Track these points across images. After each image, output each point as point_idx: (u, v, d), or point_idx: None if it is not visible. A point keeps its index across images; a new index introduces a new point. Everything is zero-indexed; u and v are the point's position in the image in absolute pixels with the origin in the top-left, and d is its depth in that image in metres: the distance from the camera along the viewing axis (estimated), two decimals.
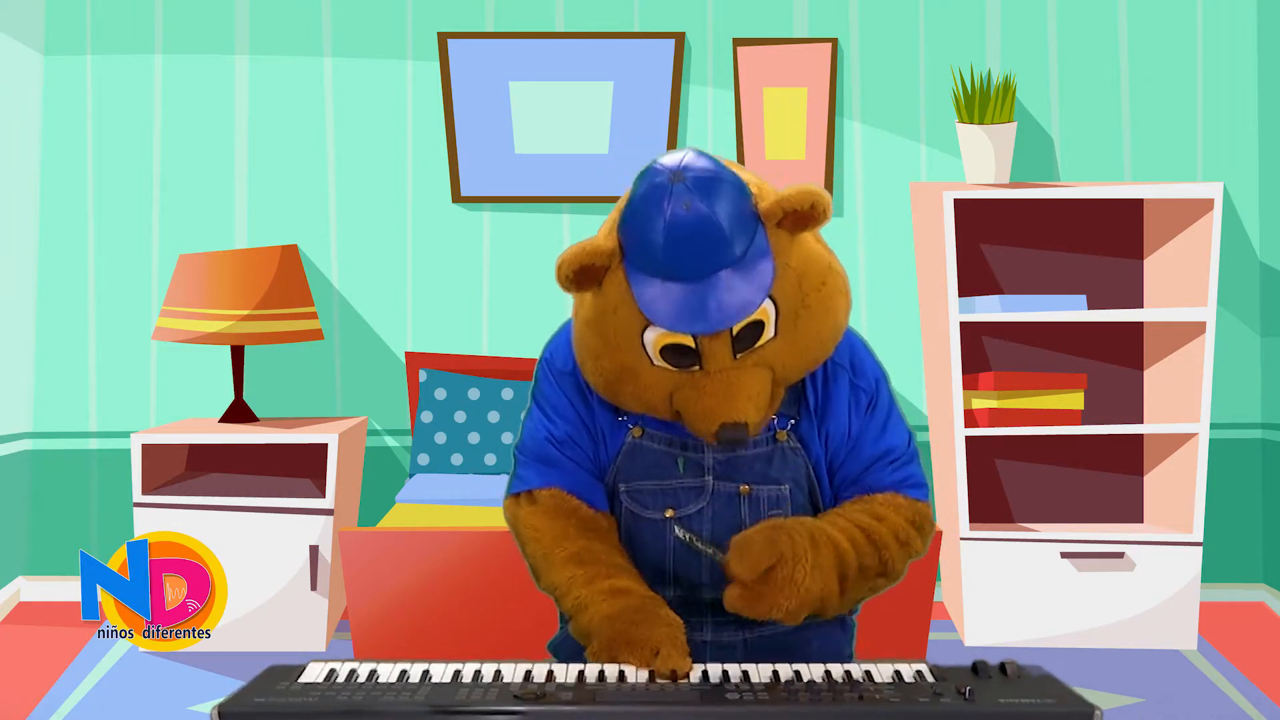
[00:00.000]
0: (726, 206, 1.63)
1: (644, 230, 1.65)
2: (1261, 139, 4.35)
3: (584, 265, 1.69)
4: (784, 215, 1.67)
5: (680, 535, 1.76)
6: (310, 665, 1.57)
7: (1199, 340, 3.97)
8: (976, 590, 3.97)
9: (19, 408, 4.43)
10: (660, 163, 1.68)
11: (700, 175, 1.64)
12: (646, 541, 1.80)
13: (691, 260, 1.62)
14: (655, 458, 1.81)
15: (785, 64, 4.34)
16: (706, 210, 1.62)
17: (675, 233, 1.62)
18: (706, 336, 1.65)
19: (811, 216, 1.67)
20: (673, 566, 1.79)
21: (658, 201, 1.63)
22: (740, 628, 1.81)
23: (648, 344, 1.68)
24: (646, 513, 1.80)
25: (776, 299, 1.68)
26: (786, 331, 1.69)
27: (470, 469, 4.22)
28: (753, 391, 1.67)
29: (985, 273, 4.31)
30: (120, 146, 4.42)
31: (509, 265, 4.43)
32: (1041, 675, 1.54)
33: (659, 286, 1.65)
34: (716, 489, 1.79)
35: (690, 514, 1.79)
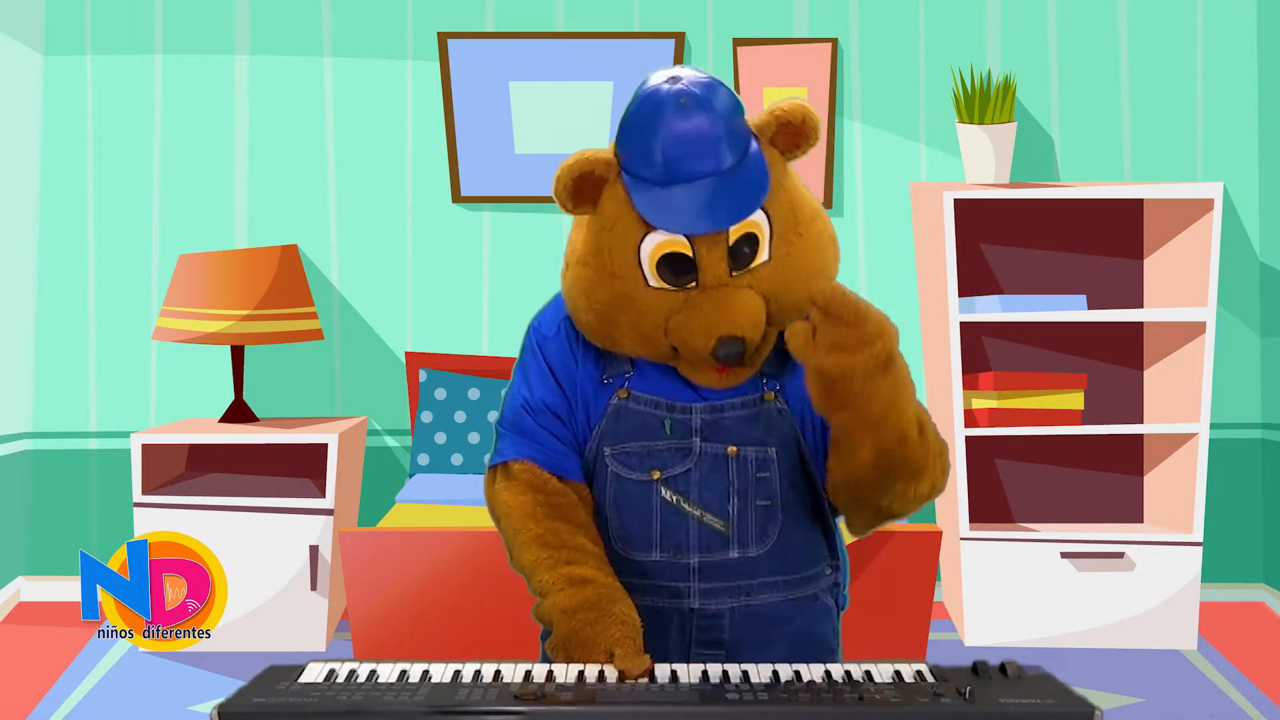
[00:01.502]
0: (724, 107, 1.67)
1: (643, 133, 1.66)
2: (1261, 139, 4.35)
3: (583, 173, 1.70)
4: (777, 127, 1.72)
5: (667, 497, 1.75)
6: (310, 665, 1.57)
7: (1199, 340, 3.97)
8: (976, 590, 3.97)
9: (19, 408, 4.43)
10: (655, 75, 1.71)
11: (696, 79, 1.68)
12: (633, 504, 1.78)
13: (692, 158, 1.64)
14: (641, 420, 1.79)
15: (785, 64, 4.34)
16: (705, 109, 1.65)
17: (675, 130, 1.64)
18: (704, 244, 1.66)
19: (802, 132, 1.72)
20: (659, 529, 1.77)
21: (656, 105, 1.66)
22: (728, 596, 1.78)
23: (644, 259, 1.68)
24: (632, 475, 1.78)
25: (771, 217, 1.70)
26: (779, 257, 1.70)
27: (470, 469, 4.22)
28: (749, 309, 1.67)
29: (985, 273, 4.31)
30: (120, 146, 4.42)
31: (509, 265, 4.43)
32: (1041, 675, 1.54)
33: (659, 191, 1.66)
34: (704, 450, 1.77)
35: (676, 475, 1.77)
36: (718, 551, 1.75)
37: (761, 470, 1.77)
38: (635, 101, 1.69)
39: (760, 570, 1.77)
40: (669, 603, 1.77)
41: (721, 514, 1.75)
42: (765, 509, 1.76)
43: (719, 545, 1.75)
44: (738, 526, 1.75)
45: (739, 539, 1.76)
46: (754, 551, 1.75)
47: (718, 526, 1.75)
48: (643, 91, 1.69)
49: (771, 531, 1.76)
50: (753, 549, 1.75)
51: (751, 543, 1.76)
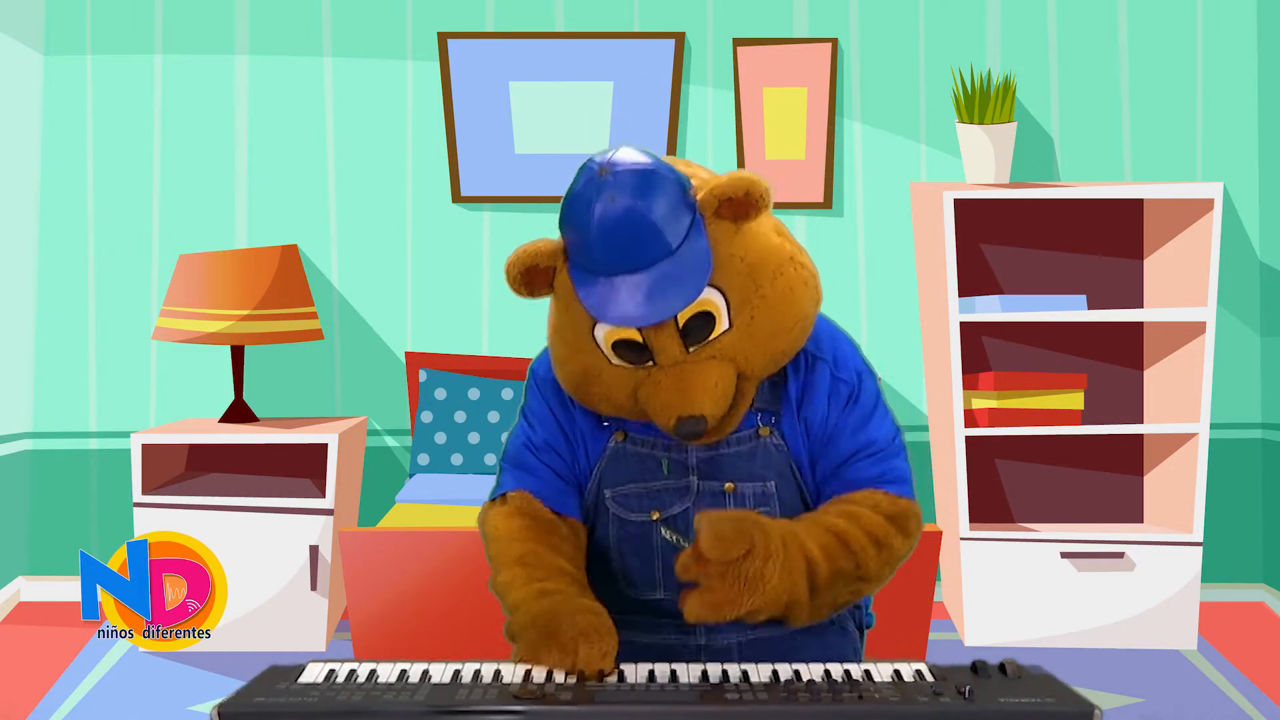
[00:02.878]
0: (656, 198, 1.64)
1: (577, 228, 1.67)
2: (1261, 139, 4.35)
3: (528, 266, 1.72)
4: (720, 204, 1.68)
5: (666, 536, 1.75)
6: (310, 665, 1.57)
7: (1199, 340, 3.97)
8: (976, 590, 3.97)
9: (19, 408, 4.43)
10: (593, 158, 1.69)
11: (628, 169, 1.65)
12: (634, 545, 1.79)
13: (622, 254, 1.63)
14: (639, 460, 1.80)
15: (785, 64, 4.34)
16: (633, 203, 1.62)
17: (604, 228, 1.63)
18: (652, 330, 1.66)
19: (747, 203, 1.67)
20: (661, 570, 1.78)
21: (588, 198, 1.65)
22: (735, 630, 1.79)
23: (600, 341, 1.69)
24: (632, 516, 1.79)
25: (725, 289, 1.67)
26: (742, 323, 1.68)
27: (470, 469, 4.21)
28: (709, 384, 1.66)
29: (985, 273, 4.31)
30: (120, 146, 4.42)
31: None
32: (1041, 675, 1.54)
33: (601, 283, 1.65)
34: (701, 488, 1.77)
35: (675, 514, 1.78)
36: None
37: (761, 505, 1.77)
38: (573, 188, 1.68)
39: None
40: (677, 639, 1.78)
41: None
42: None
43: None
44: None
45: None
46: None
47: None
48: (579, 179, 1.68)
49: None
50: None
51: None
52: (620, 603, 1.79)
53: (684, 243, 1.65)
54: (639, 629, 1.77)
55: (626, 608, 1.79)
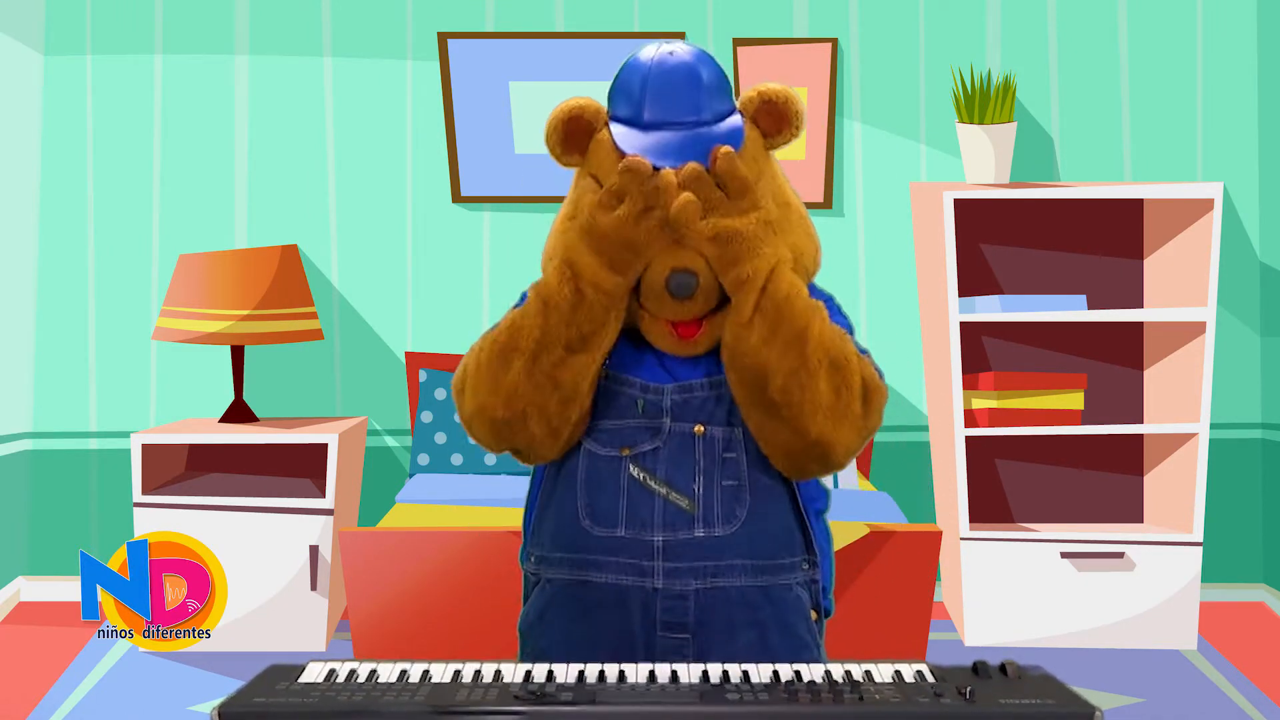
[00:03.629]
0: (708, 66, 1.78)
1: (630, 79, 1.78)
2: (1261, 139, 4.35)
3: (572, 116, 1.81)
4: (760, 103, 1.80)
5: (634, 474, 1.77)
6: (310, 665, 1.57)
7: (1199, 340, 3.97)
8: (976, 590, 3.97)
9: (19, 408, 4.43)
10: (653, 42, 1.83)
11: (686, 46, 1.80)
12: (602, 480, 1.80)
13: (672, 104, 1.75)
14: (618, 399, 1.82)
15: (785, 64, 4.34)
16: (689, 65, 1.77)
17: (658, 77, 1.76)
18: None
19: (784, 113, 1.80)
20: (625, 506, 1.78)
21: (645, 57, 1.79)
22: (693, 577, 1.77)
23: None
24: (602, 450, 1.80)
25: None
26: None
27: (470, 469, 4.22)
28: None
29: (985, 273, 4.31)
30: (120, 146, 4.42)
31: (509, 265, 4.43)
32: (1041, 675, 1.54)
33: (640, 132, 1.76)
34: (672, 429, 1.79)
35: (645, 453, 1.79)
36: (683, 530, 1.76)
37: (728, 450, 1.78)
38: (626, 62, 1.81)
39: (727, 551, 1.76)
40: (633, 580, 1.77)
41: (687, 492, 1.76)
42: (731, 489, 1.77)
43: (684, 524, 1.76)
44: (703, 505, 1.76)
45: (704, 518, 1.76)
46: (720, 531, 1.76)
47: (683, 505, 1.76)
48: (638, 52, 1.81)
49: (739, 512, 1.77)
50: (719, 528, 1.76)
51: (717, 522, 1.76)
52: (579, 539, 1.79)
53: (724, 121, 1.77)
54: (595, 568, 1.77)
55: (586, 544, 1.79)
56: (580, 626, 1.79)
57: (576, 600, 1.80)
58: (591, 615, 1.79)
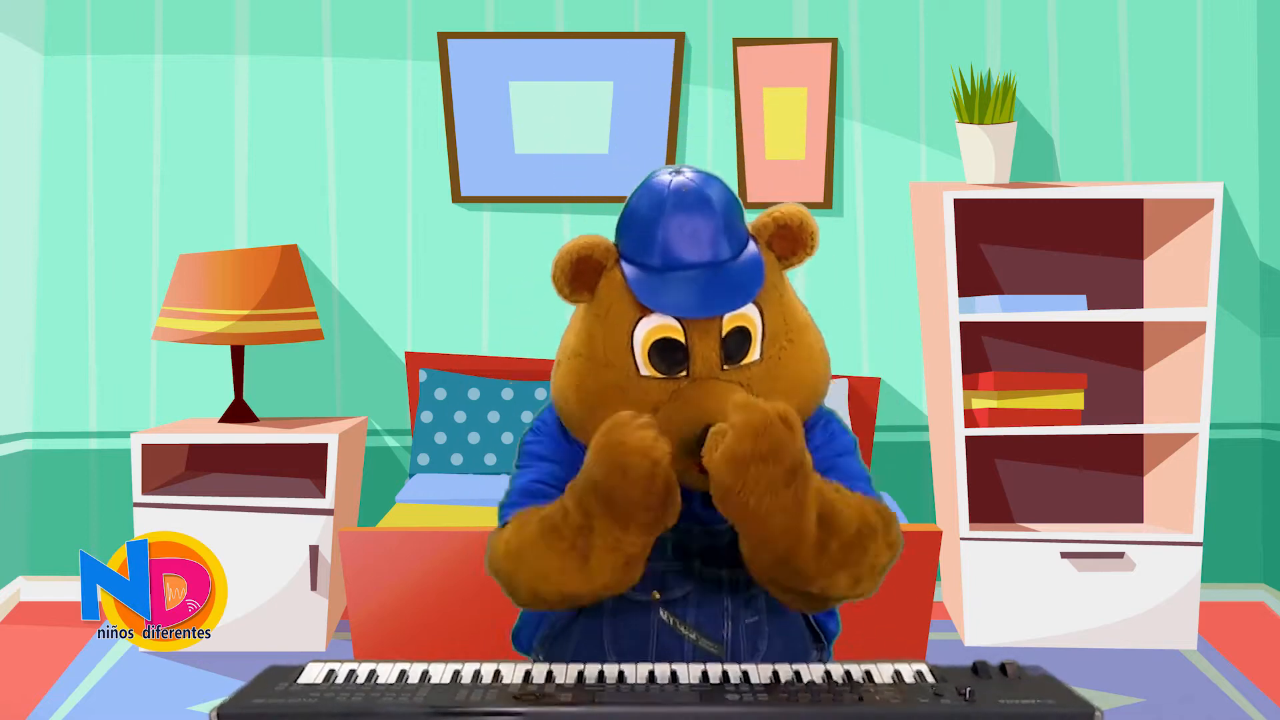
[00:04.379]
0: (723, 203, 1.70)
1: (645, 222, 1.70)
2: (1261, 139, 4.35)
3: (582, 256, 1.72)
4: (775, 229, 1.74)
5: (665, 619, 1.77)
6: (310, 666, 1.57)
7: (1199, 340, 3.97)
8: (976, 590, 3.97)
9: (19, 408, 4.43)
10: (660, 170, 1.74)
11: (698, 174, 1.72)
12: (630, 620, 1.79)
13: (691, 247, 1.67)
14: None
15: (785, 64, 4.34)
16: (706, 202, 1.69)
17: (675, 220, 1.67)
18: (697, 333, 1.67)
19: (799, 236, 1.73)
20: (655, 649, 1.79)
21: (659, 195, 1.70)
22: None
23: (637, 345, 1.69)
24: (633, 595, 1.79)
25: (764, 315, 1.71)
26: (770, 358, 1.71)
27: (470, 469, 4.22)
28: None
29: (985, 273, 4.31)
30: (120, 146, 4.42)
31: (509, 265, 4.43)
32: (1041, 675, 1.54)
33: (657, 276, 1.68)
34: (702, 574, 1.78)
35: (676, 598, 1.78)
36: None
37: (750, 589, 1.79)
38: (638, 192, 1.73)
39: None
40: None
41: (716, 637, 1.77)
42: (754, 625, 1.79)
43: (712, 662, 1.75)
44: (731, 646, 1.78)
45: (732, 656, 1.77)
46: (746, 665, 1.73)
47: (712, 650, 1.77)
48: (646, 184, 1.73)
49: (761, 645, 1.79)
50: (745, 663, 1.74)
51: (743, 658, 1.77)
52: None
53: (743, 252, 1.71)
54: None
55: None
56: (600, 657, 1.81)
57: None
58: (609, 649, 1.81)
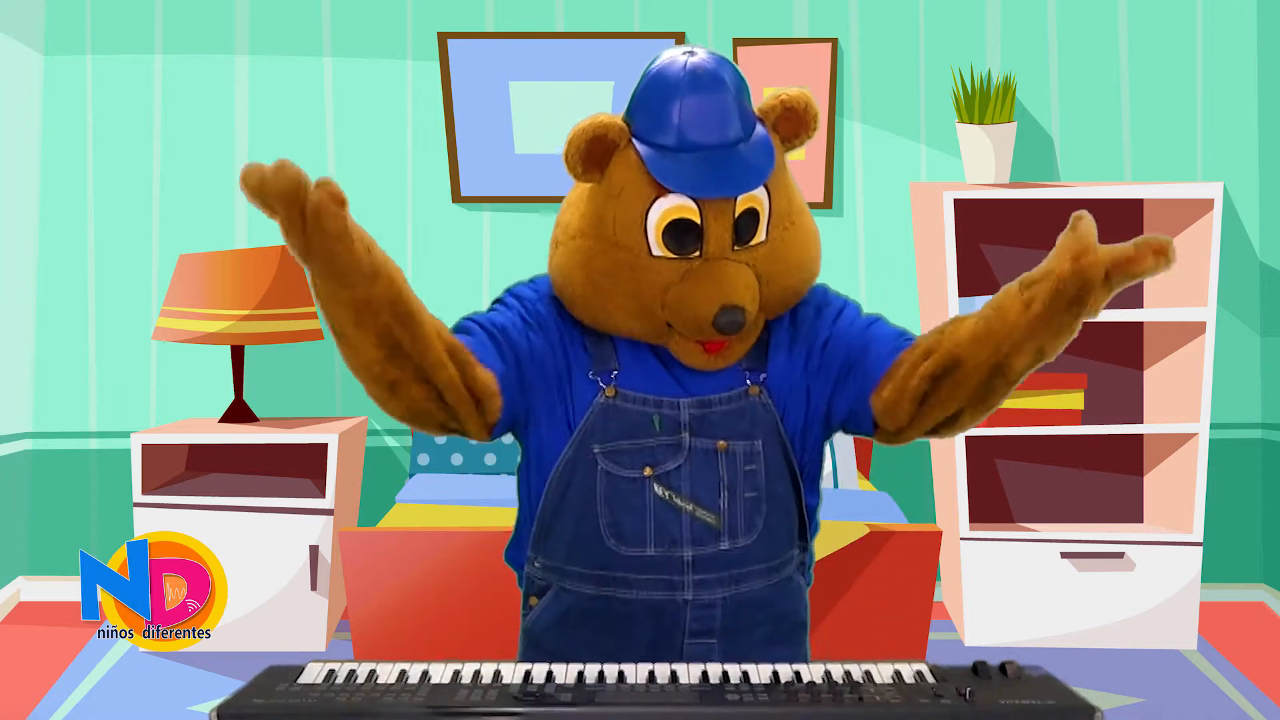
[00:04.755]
0: (734, 84, 1.74)
1: (659, 101, 1.71)
2: (1261, 139, 4.35)
3: (596, 135, 1.72)
4: (782, 111, 1.77)
5: (659, 493, 1.77)
6: (310, 666, 1.57)
7: (1199, 340, 3.97)
8: (976, 590, 3.97)
9: (19, 408, 4.43)
10: (668, 51, 1.76)
11: (710, 55, 1.74)
12: (626, 501, 1.79)
13: (706, 127, 1.70)
14: (630, 417, 1.80)
15: (785, 64, 4.34)
16: (719, 82, 1.72)
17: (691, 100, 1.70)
18: (712, 213, 1.70)
19: (804, 119, 1.77)
20: (653, 525, 1.79)
21: (674, 75, 1.72)
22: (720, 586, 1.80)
23: (651, 226, 1.71)
24: (624, 472, 1.79)
25: (772, 196, 1.75)
26: (775, 239, 1.75)
27: (470, 469, 4.22)
28: (749, 282, 1.71)
29: (985, 273, 4.31)
30: (120, 146, 4.42)
31: (509, 265, 4.43)
32: (1042, 675, 1.54)
33: (672, 156, 1.70)
34: (694, 445, 1.79)
35: (669, 471, 1.79)
36: (710, 544, 1.78)
37: (749, 463, 1.80)
38: (650, 73, 1.74)
39: (748, 559, 1.80)
40: (665, 595, 1.79)
41: (713, 508, 1.78)
42: (752, 500, 1.80)
43: (710, 538, 1.78)
44: (728, 519, 1.79)
45: (730, 531, 1.79)
46: (743, 541, 1.79)
47: (710, 520, 1.78)
48: (657, 64, 1.74)
49: (758, 521, 1.80)
50: (742, 539, 1.79)
51: (741, 533, 1.79)
52: (604, 557, 1.79)
53: (754, 133, 1.74)
54: (624, 585, 1.79)
55: (612, 563, 1.79)
56: (607, 637, 1.81)
57: (602, 613, 1.81)
58: (618, 626, 1.81)
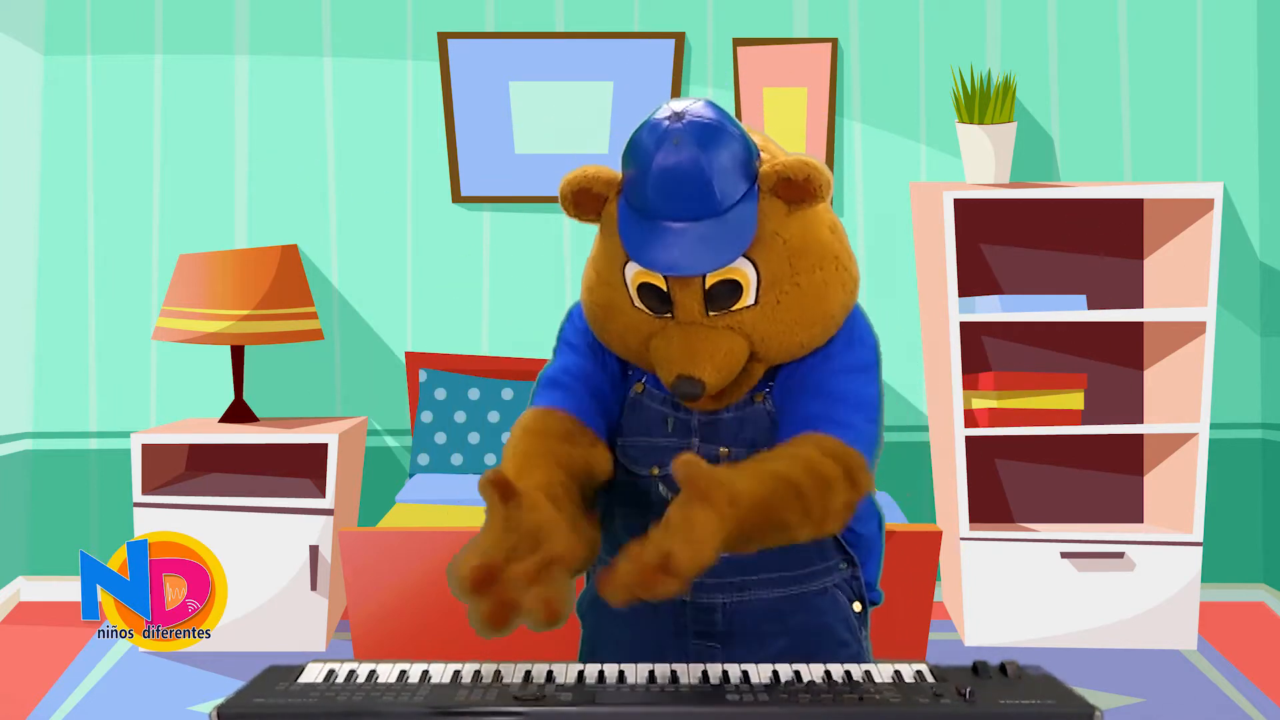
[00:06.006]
0: (717, 155, 1.65)
1: (637, 164, 1.68)
2: (1261, 139, 4.35)
3: (581, 188, 1.74)
4: (778, 180, 1.68)
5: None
6: (310, 665, 1.57)
7: (1199, 340, 3.97)
8: (976, 590, 3.97)
9: (19, 408, 4.43)
10: (668, 103, 1.70)
11: (698, 121, 1.65)
12: (635, 496, 1.80)
13: (672, 201, 1.65)
14: (649, 415, 1.81)
15: (785, 64, 4.34)
16: (695, 154, 1.63)
17: (662, 170, 1.64)
18: (677, 283, 1.67)
19: (805, 189, 1.68)
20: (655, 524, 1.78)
21: (653, 139, 1.66)
22: (720, 591, 1.78)
23: (628, 280, 1.71)
24: (636, 468, 1.80)
25: (759, 265, 1.68)
26: (768, 303, 1.69)
27: (470, 469, 4.21)
28: (717, 351, 1.67)
29: (985, 273, 4.31)
30: (120, 146, 4.42)
31: (509, 265, 4.43)
32: (1041, 675, 1.54)
33: (644, 224, 1.68)
34: (701, 450, 1.78)
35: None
36: None
37: None
38: (641, 128, 1.70)
39: (753, 567, 1.77)
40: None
41: None
42: None
43: None
44: None
45: None
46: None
47: None
48: (649, 120, 1.69)
49: None
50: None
51: None
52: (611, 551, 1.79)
53: (734, 207, 1.66)
54: None
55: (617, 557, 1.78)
56: (622, 629, 1.81)
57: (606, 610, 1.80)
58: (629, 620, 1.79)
